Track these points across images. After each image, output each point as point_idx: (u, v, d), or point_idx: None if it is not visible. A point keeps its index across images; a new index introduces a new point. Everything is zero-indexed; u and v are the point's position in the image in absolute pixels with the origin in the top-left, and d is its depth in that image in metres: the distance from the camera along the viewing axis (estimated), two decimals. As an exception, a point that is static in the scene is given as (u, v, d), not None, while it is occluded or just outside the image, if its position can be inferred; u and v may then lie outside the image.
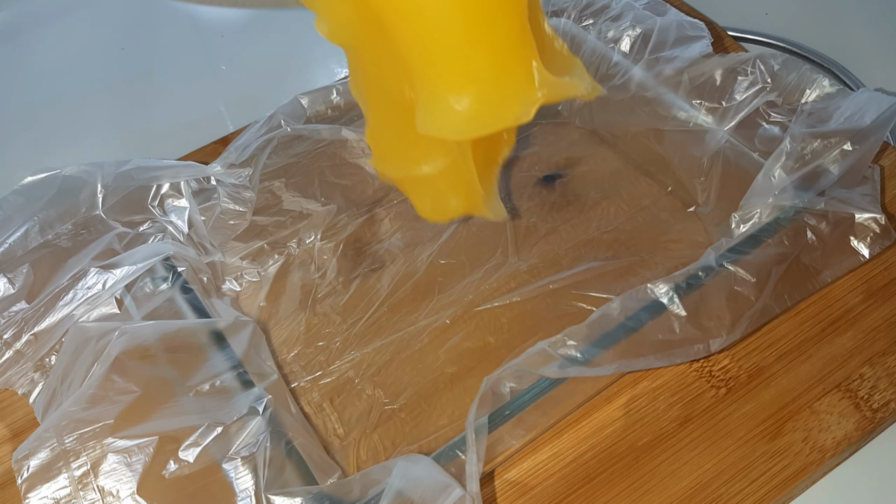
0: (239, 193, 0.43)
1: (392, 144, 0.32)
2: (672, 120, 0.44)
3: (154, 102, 0.61)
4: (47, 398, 0.36)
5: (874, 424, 0.36)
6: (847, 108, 0.40)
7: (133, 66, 0.63)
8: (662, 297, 0.35)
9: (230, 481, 0.31)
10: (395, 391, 0.40)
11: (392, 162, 0.33)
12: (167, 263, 0.39)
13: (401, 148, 0.32)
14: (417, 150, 0.32)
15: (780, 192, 0.39)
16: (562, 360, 0.33)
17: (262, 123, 0.43)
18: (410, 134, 0.29)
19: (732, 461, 0.36)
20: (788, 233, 0.38)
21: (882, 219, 0.40)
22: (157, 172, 0.41)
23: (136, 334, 0.35)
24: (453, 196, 0.33)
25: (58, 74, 0.63)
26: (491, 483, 0.36)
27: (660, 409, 0.37)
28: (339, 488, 0.31)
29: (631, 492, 0.35)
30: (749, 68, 0.42)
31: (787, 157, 0.39)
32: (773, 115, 0.42)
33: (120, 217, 0.40)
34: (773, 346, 0.39)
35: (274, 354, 0.42)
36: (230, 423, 0.32)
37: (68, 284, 0.38)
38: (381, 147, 0.33)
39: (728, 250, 0.37)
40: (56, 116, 0.60)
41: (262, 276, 0.45)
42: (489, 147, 0.34)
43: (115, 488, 0.31)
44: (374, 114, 0.32)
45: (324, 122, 0.45)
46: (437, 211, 0.35)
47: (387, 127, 0.32)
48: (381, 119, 0.32)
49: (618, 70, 0.46)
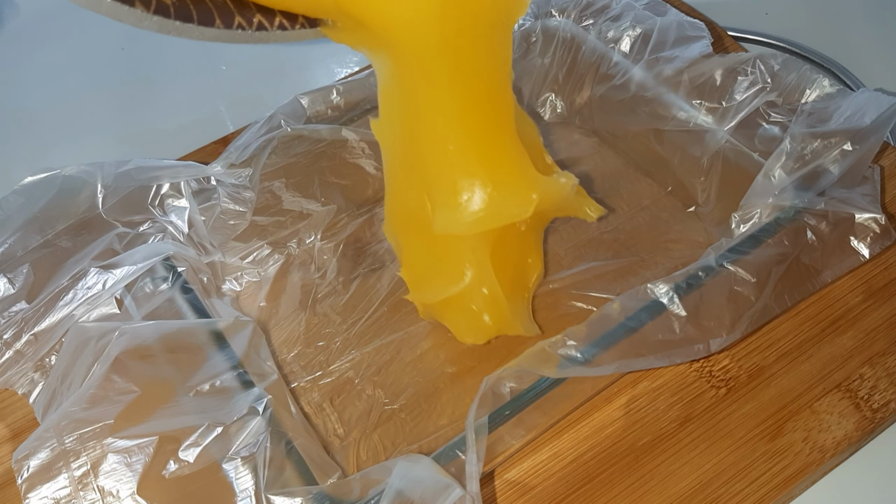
0: (239, 193, 0.43)
1: (425, 272, 0.38)
2: (672, 120, 0.44)
3: (154, 102, 0.61)
4: (47, 398, 0.36)
5: (874, 424, 0.36)
6: (847, 108, 0.40)
7: (133, 66, 0.63)
8: (662, 297, 0.35)
9: (230, 481, 0.31)
10: (395, 391, 0.40)
11: (427, 288, 0.38)
12: (167, 263, 0.39)
13: (433, 274, 0.38)
14: (447, 272, 0.37)
15: (780, 192, 0.39)
16: (562, 360, 0.33)
17: (262, 123, 0.43)
18: (439, 259, 0.37)
19: (732, 461, 0.36)
20: (788, 233, 0.38)
21: (882, 219, 0.40)
22: (157, 172, 0.41)
23: (136, 334, 0.35)
24: (486, 315, 0.37)
25: (58, 74, 0.63)
26: (491, 483, 0.36)
27: (660, 409, 0.37)
28: (339, 488, 0.31)
29: (631, 492, 0.35)
30: (749, 68, 0.42)
31: (787, 157, 0.39)
32: (773, 115, 0.42)
33: (120, 217, 0.40)
34: (774, 346, 0.39)
35: (274, 354, 0.42)
36: (230, 423, 0.32)
37: (68, 284, 0.38)
38: (417, 277, 0.39)
39: (728, 250, 0.37)
40: (56, 116, 0.60)
41: (262, 276, 0.45)
42: (517, 273, 0.39)
43: (115, 488, 0.31)
44: (406, 247, 0.38)
45: (324, 122, 0.45)
46: (474, 332, 0.39)
47: (419, 255, 0.38)
48: (413, 250, 0.38)
49: (618, 70, 0.46)
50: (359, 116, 0.46)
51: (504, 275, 0.38)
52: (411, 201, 0.36)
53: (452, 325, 0.40)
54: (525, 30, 0.49)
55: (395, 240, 0.39)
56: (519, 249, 0.39)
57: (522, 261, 0.40)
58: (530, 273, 0.40)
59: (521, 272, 0.40)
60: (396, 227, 0.39)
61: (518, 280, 0.40)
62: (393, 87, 0.33)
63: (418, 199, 0.35)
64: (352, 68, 0.60)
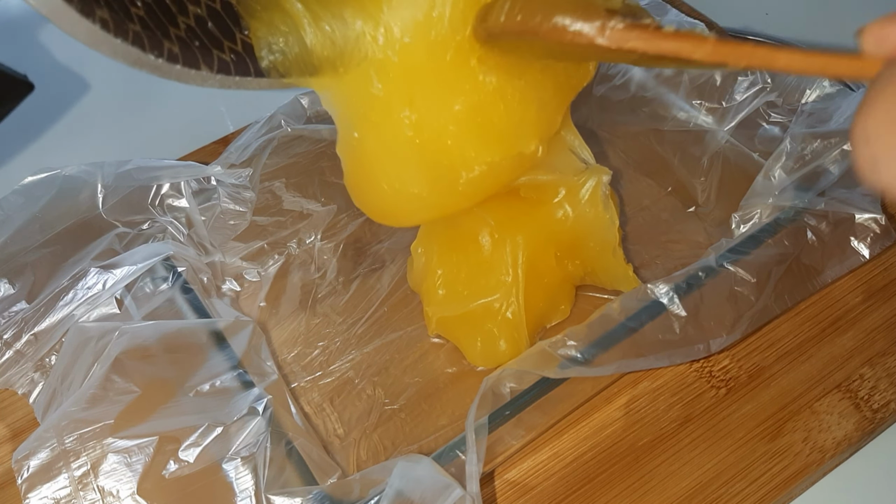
0: (239, 194, 0.43)
1: (457, 282, 0.39)
2: (672, 120, 0.44)
3: (154, 102, 0.61)
4: (47, 398, 0.36)
5: (874, 425, 0.36)
6: (847, 108, 0.40)
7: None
8: (662, 297, 0.35)
9: (230, 481, 0.31)
10: (395, 391, 0.40)
11: (454, 298, 0.39)
12: (167, 264, 0.39)
13: (467, 282, 0.39)
14: (483, 282, 0.39)
15: (781, 192, 0.39)
16: (562, 361, 0.33)
17: (262, 124, 0.43)
18: (477, 268, 0.39)
19: (732, 461, 0.36)
20: (789, 233, 0.38)
21: (882, 219, 0.40)
22: (157, 172, 0.41)
23: (136, 334, 0.35)
24: (503, 342, 0.38)
25: (58, 74, 0.63)
26: (491, 483, 0.36)
27: (660, 409, 0.37)
28: (339, 488, 0.31)
29: (631, 492, 0.35)
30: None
31: (787, 157, 0.39)
32: (774, 115, 0.42)
33: (120, 217, 0.40)
34: (774, 346, 0.39)
35: (274, 355, 0.42)
36: (230, 423, 0.32)
37: (68, 285, 0.38)
38: (446, 287, 0.39)
39: (728, 251, 0.37)
40: (56, 116, 0.60)
41: (262, 276, 0.45)
42: (546, 311, 0.41)
43: (116, 488, 0.31)
44: (441, 257, 0.39)
45: (324, 123, 0.45)
46: (487, 356, 0.39)
47: (455, 265, 0.39)
48: (450, 260, 0.39)
49: (618, 70, 0.46)
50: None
51: (534, 309, 0.39)
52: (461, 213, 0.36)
53: (466, 345, 0.40)
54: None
55: (426, 250, 0.41)
56: (555, 292, 0.40)
57: (555, 305, 0.41)
58: (556, 318, 0.41)
59: (549, 315, 0.41)
60: (434, 237, 0.40)
61: (544, 318, 0.41)
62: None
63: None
64: (352, 68, 0.60)
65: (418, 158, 0.32)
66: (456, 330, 0.40)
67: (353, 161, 0.34)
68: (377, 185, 0.33)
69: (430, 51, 0.30)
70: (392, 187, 0.33)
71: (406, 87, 0.31)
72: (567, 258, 0.40)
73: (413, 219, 0.37)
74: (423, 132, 0.31)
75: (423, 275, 0.41)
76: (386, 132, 0.32)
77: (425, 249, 0.41)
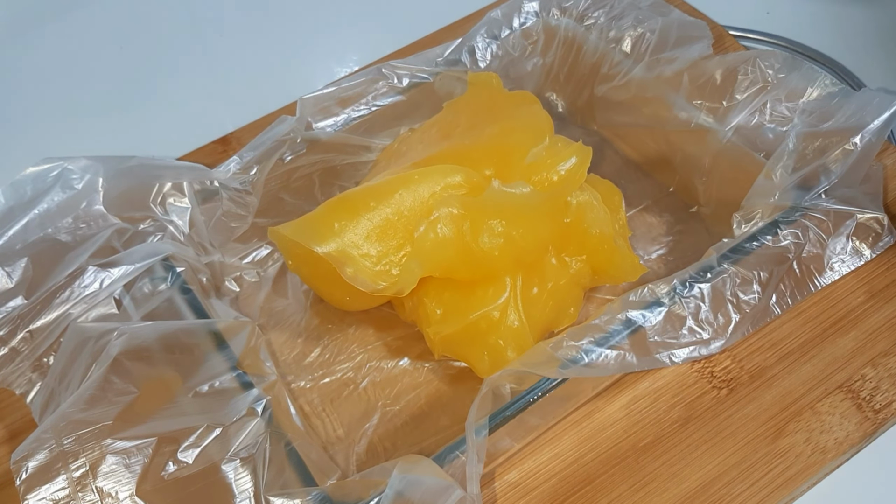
0: (241, 198, 0.42)
1: (457, 298, 0.39)
2: (673, 120, 0.44)
3: (154, 102, 0.61)
4: (45, 398, 0.36)
5: (876, 425, 0.36)
6: (848, 107, 0.40)
7: (132, 66, 0.63)
8: (664, 297, 0.35)
9: (229, 482, 0.31)
10: (395, 392, 0.40)
11: (456, 314, 0.38)
12: (166, 263, 0.39)
13: (467, 297, 0.38)
14: (481, 294, 0.38)
15: (782, 191, 0.39)
16: (563, 361, 0.33)
17: (266, 130, 0.43)
18: (476, 284, 0.38)
19: (734, 462, 0.35)
20: (790, 233, 0.38)
21: (884, 218, 0.40)
22: (159, 171, 0.41)
23: (134, 335, 0.34)
24: (510, 351, 0.37)
25: (58, 74, 0.63)
26: (491, 484, 0.36)
27: (661, 409, 0.37)
28: (339, 489, 0.31)
29: (632, 493, 0.35)
30: (750, 68, 0.42)
31: (788, 156, 0.39)
32: (775, 114, 0.41)
33: (120, 213, 0.40)
34: (775, 346, 0.39)
35: (273, 355, 0.42)
36: (229, 424, 0.32)
37: (65, 282, 0.37)
38: (447, 304, 0.39)
39: (730, 250, 0.37)
40: (56, 116, 0.60)
41: (262, 276, 0.45)
42: (555, 316, 0.40)
43: (114, 489, 0.31)
44: (442, 279, 0.39)
45: (325, 126, 0.45)
46: (497, 369, 0.38)
47: (453, 283, 0.39)
48: (448, 279, 0.39)
49: (619, 70, 0.46)
50: (359, 116, 0.45)
51: (541, 315, 0.39)
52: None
53: (475, 360, 0.38)
54: (526, 29, 0.49)
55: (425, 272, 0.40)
56: (563, 296, 0.40)
57: (564, 309, 0.40)
58: (564, 322, 0.41)
59: (557, 319, 0.40)
60: (431, 255, 0.39)
61: (552, 323, 0.40)
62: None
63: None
64: (352, 67, 0.60)
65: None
66: (461, 347, 0.39)
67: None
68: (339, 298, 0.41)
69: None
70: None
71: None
72: (570, 256, 0.40)
73: (377, 302, 0.41)
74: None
75: (417, 300, 0.40)
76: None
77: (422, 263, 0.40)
